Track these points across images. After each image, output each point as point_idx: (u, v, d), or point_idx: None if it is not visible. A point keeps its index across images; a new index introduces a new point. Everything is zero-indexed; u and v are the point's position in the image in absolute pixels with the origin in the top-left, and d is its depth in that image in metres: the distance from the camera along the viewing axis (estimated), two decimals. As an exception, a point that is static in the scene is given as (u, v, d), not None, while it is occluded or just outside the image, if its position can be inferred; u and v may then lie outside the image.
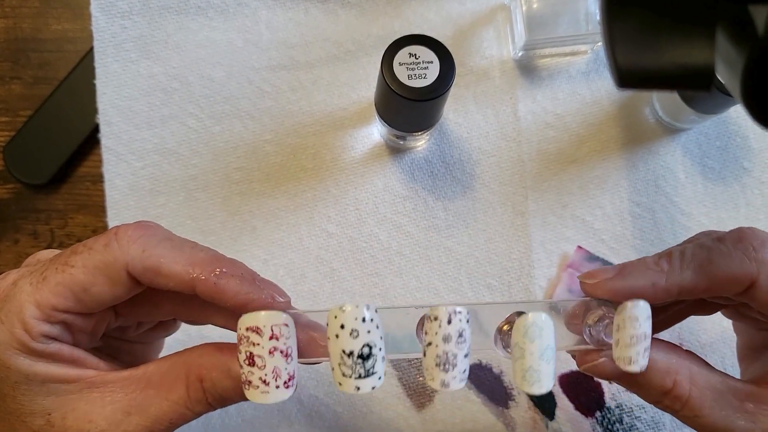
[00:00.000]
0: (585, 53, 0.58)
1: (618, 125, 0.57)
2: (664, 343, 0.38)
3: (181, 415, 0.35)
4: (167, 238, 0.36)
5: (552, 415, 0.54)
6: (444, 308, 0.33)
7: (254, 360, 0.32)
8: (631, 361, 0.34)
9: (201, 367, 0.35)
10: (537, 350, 0.34)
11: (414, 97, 0.46)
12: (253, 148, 0.56)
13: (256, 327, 0.32)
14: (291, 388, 0.33)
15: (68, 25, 0.58)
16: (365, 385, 0.32)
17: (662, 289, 0.36)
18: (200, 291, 0.34)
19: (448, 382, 0.33)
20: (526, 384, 0.34)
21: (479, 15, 0.58)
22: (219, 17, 0.57)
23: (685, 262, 0.37)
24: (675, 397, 0.37)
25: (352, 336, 0.32)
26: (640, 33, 0.26)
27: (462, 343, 0.33)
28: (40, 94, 0.57)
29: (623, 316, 0.35)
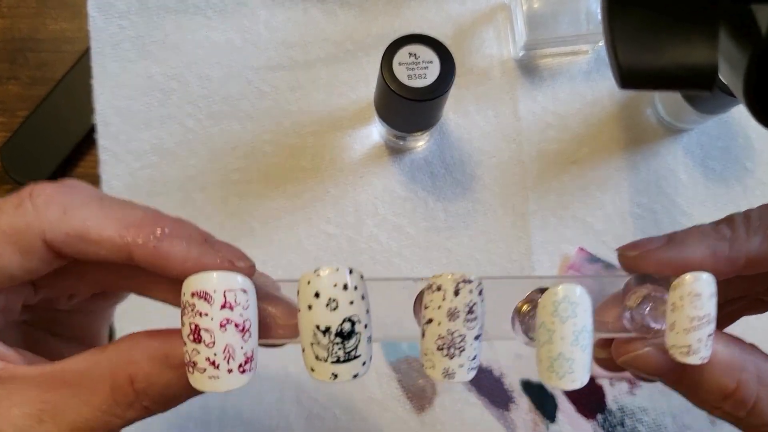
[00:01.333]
0: (586, 53, 0.57)
1: (619, 126, 0.57)
2: (721, 333, 0.31)
3: (106, 423, 0.28)
4: (95, 197, 0.29)
5: (553, 417, 0.53)
6: (450, 276, 0.27)
7: (200, 335, 0.25)
8: (690, 350, 0.28)
9: (130, 363, 0.28)
10: (570, 333, 0.27)
11: (414, 97, 0.46)
12: (252, 148, 0.55)
13: (204, 292, 0.25)
14: (248, 374, 0.26)
15: (65, 25, 0.58)
16: (345, 371, 0.26)
17: (726, 259, 0.30)
18: (138, 258, 0.28)
19: (453, 371, 0.27)
20: (554, 376, 0.27)
21: (479, 14, 0.58)
22: (217, 17, 0.57)
23: (752, 226, 0.30)
24: (739, 400, 0.29)
25: (329, 307, 0.25)
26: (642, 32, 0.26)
27: (472, 321, 0.26)
28: (37, 95, 0.56)
29: (681, 292, 0.28)
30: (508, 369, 0.54)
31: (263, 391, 0.53)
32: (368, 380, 0.53)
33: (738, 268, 0.30)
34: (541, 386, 0.54)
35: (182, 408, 0.52)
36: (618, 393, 0.54)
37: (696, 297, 0.27)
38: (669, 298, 0.29)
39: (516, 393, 0.54)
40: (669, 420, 0.53)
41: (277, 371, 0.53)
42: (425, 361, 0.27)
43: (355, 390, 0.53)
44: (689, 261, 0.30)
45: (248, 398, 0.53)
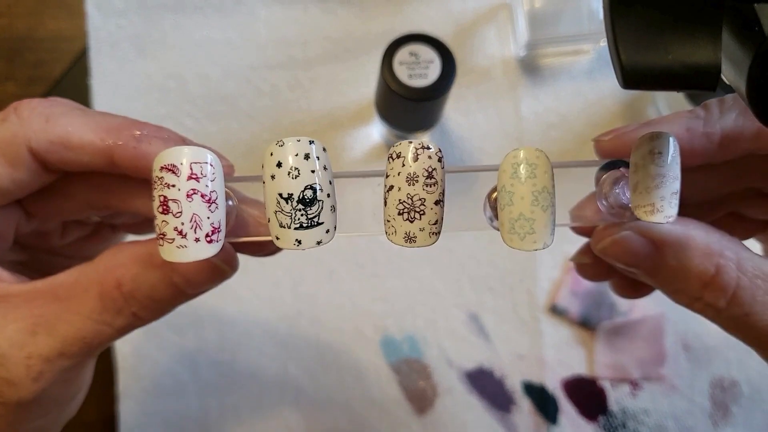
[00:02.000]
0: (588, 52, 0.57)
1: (621, 125, 0.57)
2: (699, 222, 0.30)
3: (98, 332, 0.29)
4: (77, 108, 0.30)
5: (554, 419, 0.53)
6: (408, 142, 0.27)
7: (169, 206, 0.25)
8: (654, 208, 0.27)
9: (117, 266, 0.29)
10: (529, 193, 0.27)
11: (414, 96, 0.46)
12: (251, 147, 0.55)
13: (171, 165, 0.25)
14: (215, 244, 0.26)
15: (64, 24, 0.57)
16: (308, 237, 0.26)
17: (701, 135, 0.29)
18: (119, 160, 0.29)
19: (414, 235, 0.27)
20: (516, 237, 0.27)
21: (481, 13, 0.58)
22: (216, 15, 0.56)
23: (726, 105, 0.30)
24: (718, 288, 0.28)
25: (290, 176, 0.26)
26: (644, 32, 0.25)
27: (432, 185, 0.27)
28: (35, 94, 0.56)
29: (642, 150, 0.28)
30: (509, 371, 0.53)
31: (262, 393, 0.53)
32: (368, 381, 0.53)
33: (713, 144, 0.30)
34: (543, 388, 0.53)
35: (182, 409, 0.52)
36: (620, 395, 0.53)
37: (657, 155, 0.27)
38: (631, 159, 0.28)
39: (517, 395, 0.53)
40: (671, 422, 0.53)
41: (276, 373, 0.53)
42: (388, 228, 0.28)
43: (354, 391, 0.53)
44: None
45: (247, 399, 0.53)
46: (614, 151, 0.31)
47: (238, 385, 0.53)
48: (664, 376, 0.53)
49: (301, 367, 0.53)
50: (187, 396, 0.53)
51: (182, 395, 0.53)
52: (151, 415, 0.52)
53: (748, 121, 0.29)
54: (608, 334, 0.54)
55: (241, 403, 0.53)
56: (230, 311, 0.54)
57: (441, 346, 0.54)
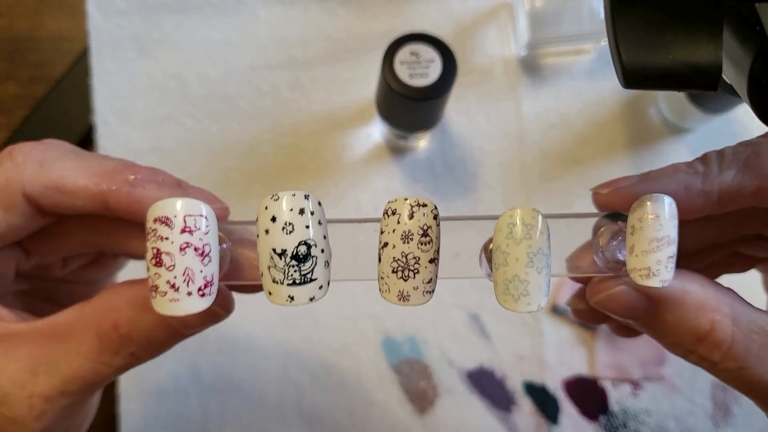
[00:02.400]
0: (589, 52, 0.57)
1: (622, 125, 0.57)
2: (696, 274, 0.30)
3: (97, 371, 0.29)
4: (71, 151, 0.30)
5: (555, 419, 0.53)
6: (404, 199, 0.27)
7: (161, 258, 0.25)
8: (650, 272, 0.27)
9: (113, 309, 0.29)
10: (524, 254, 0.26)
11: (415, 96, 0.46)
12: (252, 148, 0.55)
13: (165, 217, 0.25)
14: (208, 298, 0.26)
15: (64, 24, 0.57)
16: (301, 294, 0.26)
17: (698, 193, 0.29)
18: (113, 205, 0.29)
19: (408, 294, 0.27)
20: (510, 299, 0.27)
21: (482, 13, 0.58)
22: (217, 15, 0.56)
23: (726, 160, 0.30)
24: (713, 343, 0.29)
25: (284, 231, 0.26)
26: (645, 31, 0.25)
27: (427, 244, 0.27)
28: (35, 94, 0.56)
29: (639, 214, 0.28)
30: (510, 371, 0.53)
31: (264, 394, 0.53)
32: (369, 383, 0.53)
33: (712, 202, 0.30)
34: (544, 388, 0.53)
35: (182, 411, 0.52)
36: (621, 395, 0.53)
37: (654, 218, 0.27)
38: (628, 221, 0.28)
39: (518, 395, 0.53)
40: (672, 422, 0.53)
41: (277, 374, 0.53)
42: (381, 285, 0.27)
43: (356, 392, 0.53)
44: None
45: (249, 401, 0.53)
46: (611, 205, 0.31)
47: (238, 386, 0.53)
48: (665, 376, 0.53)
49: (302, 369, 0.53)
50: (188, 398, 0.52)
51: (183, 397, 0.52)
52: (152, 417, 0.52)
53: (747, 178, 0.29)
54: (609, 334, 0.54)
55: (242, 405, 0.53)
56: (231, 314, 0.54)
57: (442, 346, 0.54)
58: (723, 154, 0.30)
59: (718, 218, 0.32)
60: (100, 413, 0.53)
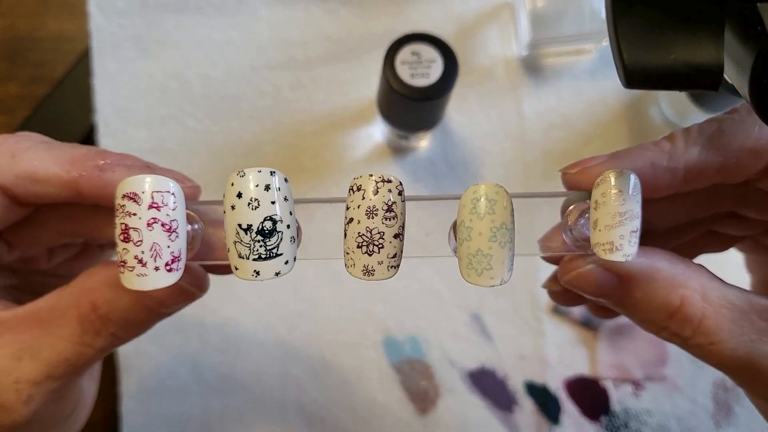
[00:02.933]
0: (590, 52, 0.57)
1: (624, 125, 0.56)
2: (665, 251, 0.30)
3: (80, 353, 0.30)
4: (43, 142, 0.31)
5: (557, 419, 0.53)
6: (369, 176, 0.27)
7: (129, 234, 0.26)
8: (613, 246, 0.27)
9: (91, 290, 0.30)
10: (487, 229, 0.27)
11: (416, 96, 0.46)
12: (253, 148, 0.55)
13: (133, 193, 0.26)
14: (175, 273, 0.27)
15: (65, 24, 0.57)
16: (266, 268, 0.26)
17: (664, 170, 0.30)
18: (85, 190, 0.29)
19: (373, 268, 0.27)
20: (473, 273, 0.27)
21: (483, 13, 0.58)
22: (218, 16, 0.56)
23: (691, 138, 0.30)
24: (684, 318, 0.29)
25: (250, 206, 0.26)
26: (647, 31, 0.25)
27: (392, 219, 0.27)
28: (37, 94, 0.56)
29: (603, 188, 0.28)
30: (511, 371, 0.53)
31: (265, 392, 0.53)
32: (370, 382, 0.53)
33: (678, 179, 0.30)
34: (545, 388, 0.53)
35: (184, 410, 0.52)
36: (622, 395, 0.53)
37: (618, 193, 0.27)
38: (592, 197, 0.28)
39: (519, 395, 0.53)
40: (673, 422, 0.53)
41: (278, 373, 0.53)
42: (347, 260, 0.28)
43: (357, 392, 0.53)
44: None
45: (249, 399, 0.53)
46: (580, 184, 0.31)
47: (240, 386, 0.53)
48: (667, 376, 0.53)
49: (303, 368, 0.53)
50: (190, 397, 0.53)
51: (184, 396, 0.53)
52: (153, 416, 0.52)
53: (711, 155, 0.30)
54: (610, 334, 0.54)
55: (243, 404, 0.53)
56: (232, 313, 0.54)
57: (443, 346, 0.54)
58: (689, 132, 0.30)
59: (688, 196, 0.32)
60: (102, 411, 0.53)
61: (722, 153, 0.29)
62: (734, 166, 0.30)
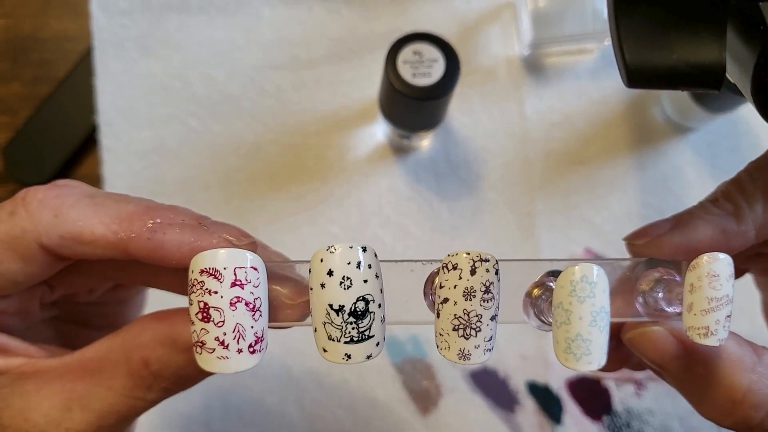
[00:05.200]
0: (592, 51, 0.57)
1: (626, 125, 0.56)
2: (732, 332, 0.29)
3: (131, 406, 0.29)
4: (87, 196, 0.29)
5: (559, 419, 0.53)
6: (465, 254, 0.26)
7: (209, 313, 0.24)
8: (708, 331, 0.26)
9: (141, 347, 0.28)
10: (588, 313, 0.26)
11: (418, 96, 0.46)
12: (255, 148, 0.55)
13: (213, 269, 0.24)
14: (258, 354, 0.25)
15: (68, 24, 0.57)
16: (359, 352, 0.25)
17: (737, 235, 0.29)
18: (134, 252, 0.27)
19: (470, 352, 0.26)
20: (571, 357, 0.26)
21: (485, 12, 0.58)
22: (220, 15, 0.56)
23: (748, 192, 0.29)
24: (751, 405, 0.27)
25: (342, 286, 0.24)
26: (649, 31, 0.25)
27: (489, 301, 0.26)
28: (39, 94, 0.56)
29: (698, 273, 0.27)
30: (513, 370, 0.53)
31: (265, 393, 0.53)
32: (371, 381, 0.53)
33: (750, 240, 0.29)
34: (547, 388, 0.53)
35: (184, 409, 0.52)
36: (624, 395, 0.53)
37: (714, 278, 0.26)
38: (686, 278, 0.27)
39: (521, 395, 0.53)
40: (676, 423, 0.53)
41: (279, 373, 0.53)
42: (440, 342, 0.26)
43: (358, 391, 0.53)
44: (700, 243, 0.29)
45: (250, 399, 0.53)
46: (648, 254, 0.30)
47: (241, 385, 0.53)
48: (669, 376, 0.53)
49: (305, 368, 0.53)
50: (191, 396, 0.53)
51: (185, 395, 0.52)
52: (155, 415, 0.52)
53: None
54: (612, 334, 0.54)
55: (244, 403, 0.53)
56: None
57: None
58: (743, 187, 0.30)
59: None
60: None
61: None
62: None
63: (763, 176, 0.29)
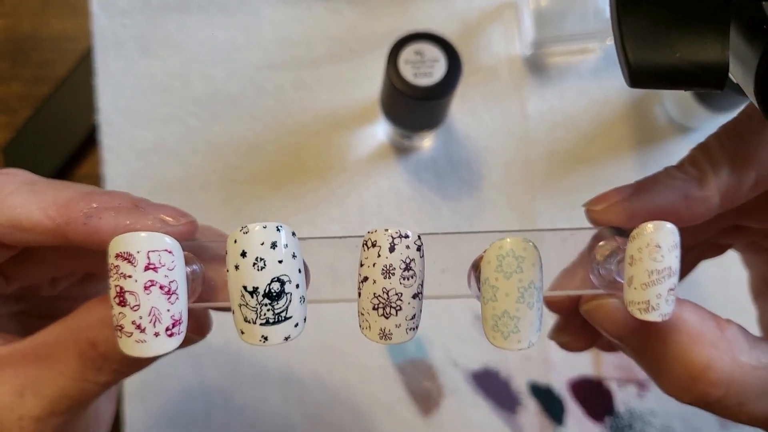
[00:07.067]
0: (594, 51, 0.57)
1: (628, 124, 0.56)
2: (694, 304, 0.28)
3: (83, 389, 0.29)
4: (28, 183, 0.29)
5: (561, 420, 0.53)
6: (384, 231, 0.25)
7: (125, 298, 0.24)
8: (649, 306, 0.25)
9: (88, 328, 0.28)
10: (515, 289, 0.25)
11: (420, 96, 0.46)
12: (255, 147, 0.55)
13: (127, 253, 0.24)
14: (176, 337, 0.25)
15: (68, 24, 0.57)
16: (275, 333, 0.25)
17: (699, 201, 0.27)
18: (73, 238, 0.27)
19: (390, 332, 0.25)
20: (499, 335, 0.26)
21: (486, 12, 0.57)
22: (220, 15, 0.56)
23: (715, 157, 0.28)
24: (710, 382, 0.26)
25: (256, 267, 0.24)
26: (651, 30, 0.25)
27: (410, 278, 0.25)
28: (39, 94, 0.56)
29: (639, 243, 0.25)
30: (515, 371, 0.53)
31: (267, 393, 0.52)
32: (373, 382, 0.53)
33: (714, 205, 0.28)
34: (549, 389, 0.53)
35: (185, 408, 0.52)
36: (627, 396, 0.53)
37: (656, 248, 0.25)
38: (627, 250, 0.26)
39: (523, 396, 0.53)
40: (678, 423, 0.53)
41: (281, 373, 0.53)
42: (362, 322, 0.26)
43: (359, 392, 0.53)
44: (660, 209, 0.28)
45: (251, 399, 0.52)
46: (607, 221, 0.29)
47: (242, 385, 0.53)
48: (671, 377, 0.53)
49: (306, 368, 0.53)
50: (192, 397, 0.52)
51: (187, 396, 0.52)
52: (156, 416, 0.52)
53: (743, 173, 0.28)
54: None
55: (246, 404, 0.52)
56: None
57: (446, 346, 0.53)
58: (709, 151, 0.28)
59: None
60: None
61: (752, 167, 0.27)
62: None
63: (731, 141, 0.28)
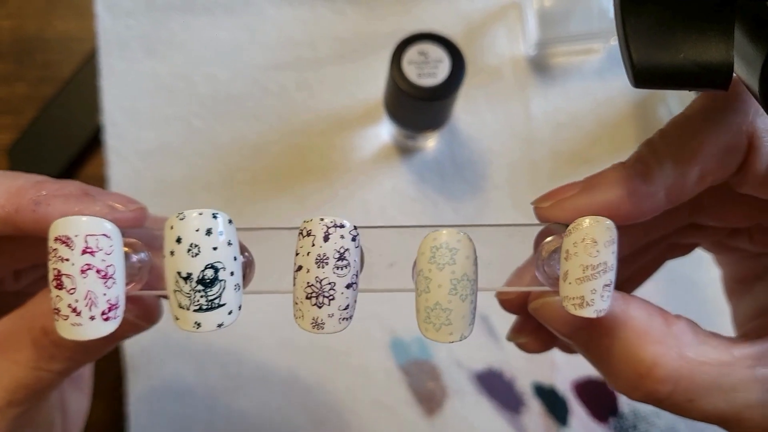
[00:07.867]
0: (598, 51, 0.57)
1: (632, 125, 0.56)
2: (643, 301, 0.28)
3: (38, 378, 0.29)
4: None
5: (565, 421, 0.53)
6: (320, 220, 0.25)
7: (62, 281, 0.24)
8: (584, 301, 0.25)
9: (42, 316, 0.28)
10: (447, 281, 0.25)
11: (423, 96, 0.46)
12: (259, 148, 0.55)
13: (65, 237, 0.24)
14: (113, 321, 0.25)
15: (73, 25, 0.57)
16: (208, 320, 0.25)
17: (645, 197, 0.27)
18: (23, 226, 0.28)
19: (323, 321, 0.25)
20: (431, 327, 0.25)
21: (490, 12, 0.57)
22: (225, 15, 0.56)
23: (659, 152, 0.28)
24: (658, 379, 0.26)
25: (190, 253, 0.24)
26: (656, 30, 0.25)
27: (344, 268, 0.25)
28: (44, 95, 0.56)
29: (574, 238, 0.25)
30: (519, 372, 0.53)
31: (270, 395, 0.52)
32: (377, 383, 0.53)
33: (660, 201, 0.27)
34: (553, 390, 0.53)
35: (187, 410, 0.52)
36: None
37: (591, 243, 0.25)
38: (563, 244, 0.26)
39: (527, 396, 0.53)
40: (682, 424, 0.53)
41: (283, 374, 0.53)
42: (295, 311, 0.26)
43: (363, 393, 0.53)
44: (605, 205, 0.27)
45: (255, 401, 0.52)
46: (554, 218, 0.29)
47: (245, 387, 0.53)
48: (676, 378, 0.53)
49: (309, 369, 0.53)
50: (195, 398, 0.52)
51: (190, 397, 0.52)
52: (159, 416, 0.52)
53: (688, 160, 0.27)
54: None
55: (249, 405, 0.52)
56: (239, 312, 0.53)
57: (450, 347, 0.53)
58: (654, 147, 0.28)
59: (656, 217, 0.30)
60: (108, 411, 0.53)
61: (698, 158, 0.27)
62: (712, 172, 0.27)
63: (676, 136, 0.28)
